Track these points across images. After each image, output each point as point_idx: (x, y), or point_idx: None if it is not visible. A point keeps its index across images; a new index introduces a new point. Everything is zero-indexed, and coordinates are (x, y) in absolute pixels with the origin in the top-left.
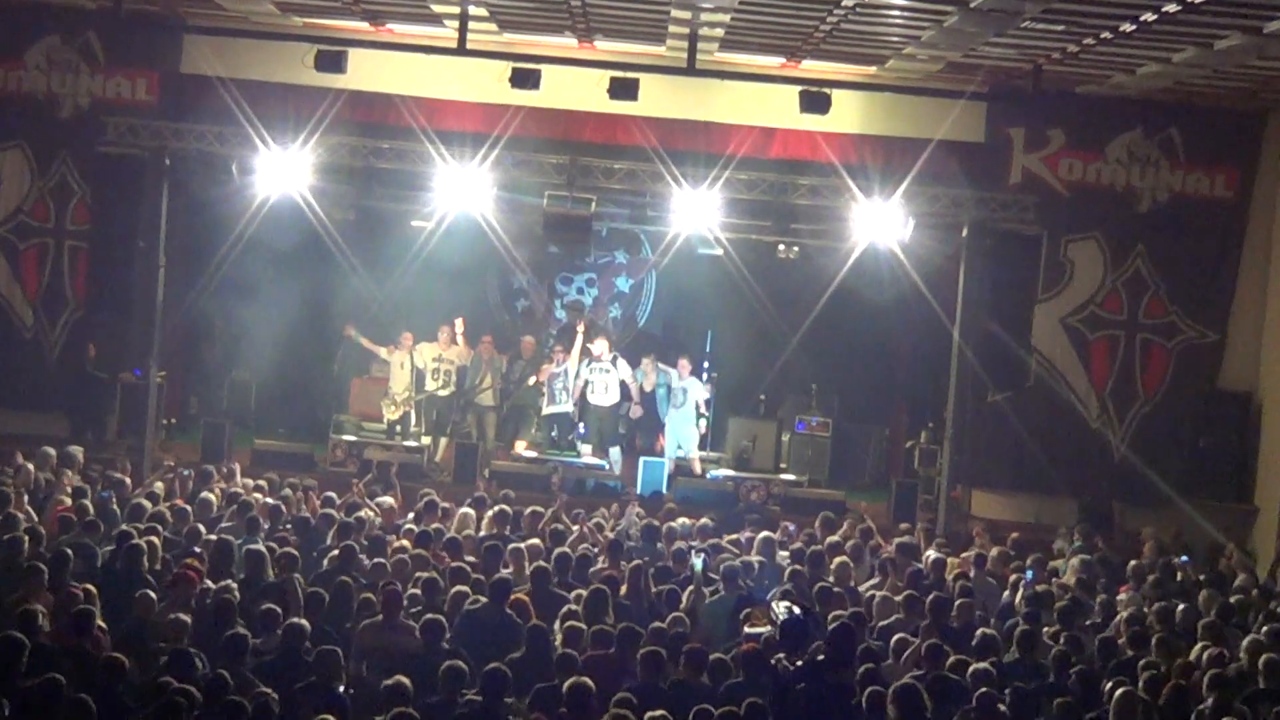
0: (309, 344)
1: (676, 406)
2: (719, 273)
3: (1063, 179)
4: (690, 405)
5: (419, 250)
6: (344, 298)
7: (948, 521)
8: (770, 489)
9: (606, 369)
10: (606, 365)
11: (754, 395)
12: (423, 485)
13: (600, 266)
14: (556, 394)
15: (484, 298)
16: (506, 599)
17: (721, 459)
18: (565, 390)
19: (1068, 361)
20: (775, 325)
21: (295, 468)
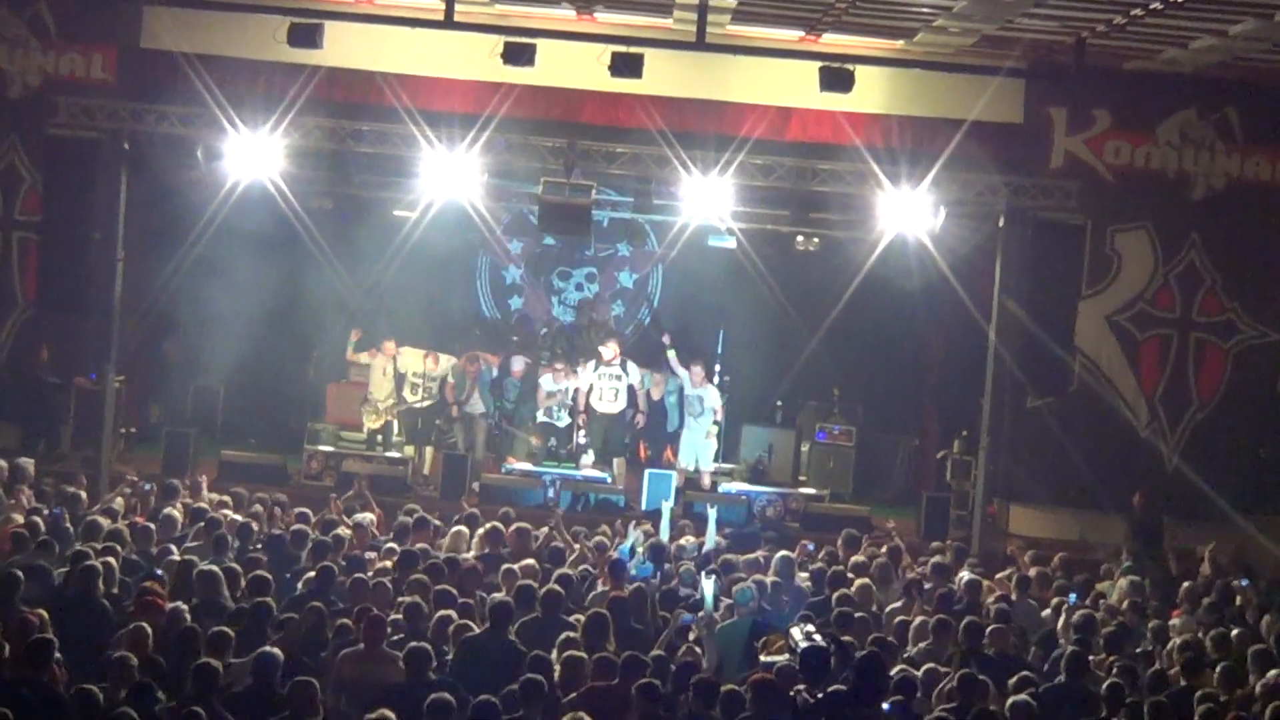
0: (282, 345)
1: (694, 415)
2: (731, 266)
3: (1109, 163)
4: (708, 415)
5: (402, 242)
6: (320, 294)
7: (983, 539)
8: (788, 504)
9: (617, 374)
10: (617, 370)
11: (770, 401)
12: (406, 500)
13: (601, 260)
14: (555, 414)
15: (473, 294)
16: (508, 625)
17: (735, 471)
18: (565, 408)
19: (1115, 363)
20: (793, 324)
21: (266, 481)
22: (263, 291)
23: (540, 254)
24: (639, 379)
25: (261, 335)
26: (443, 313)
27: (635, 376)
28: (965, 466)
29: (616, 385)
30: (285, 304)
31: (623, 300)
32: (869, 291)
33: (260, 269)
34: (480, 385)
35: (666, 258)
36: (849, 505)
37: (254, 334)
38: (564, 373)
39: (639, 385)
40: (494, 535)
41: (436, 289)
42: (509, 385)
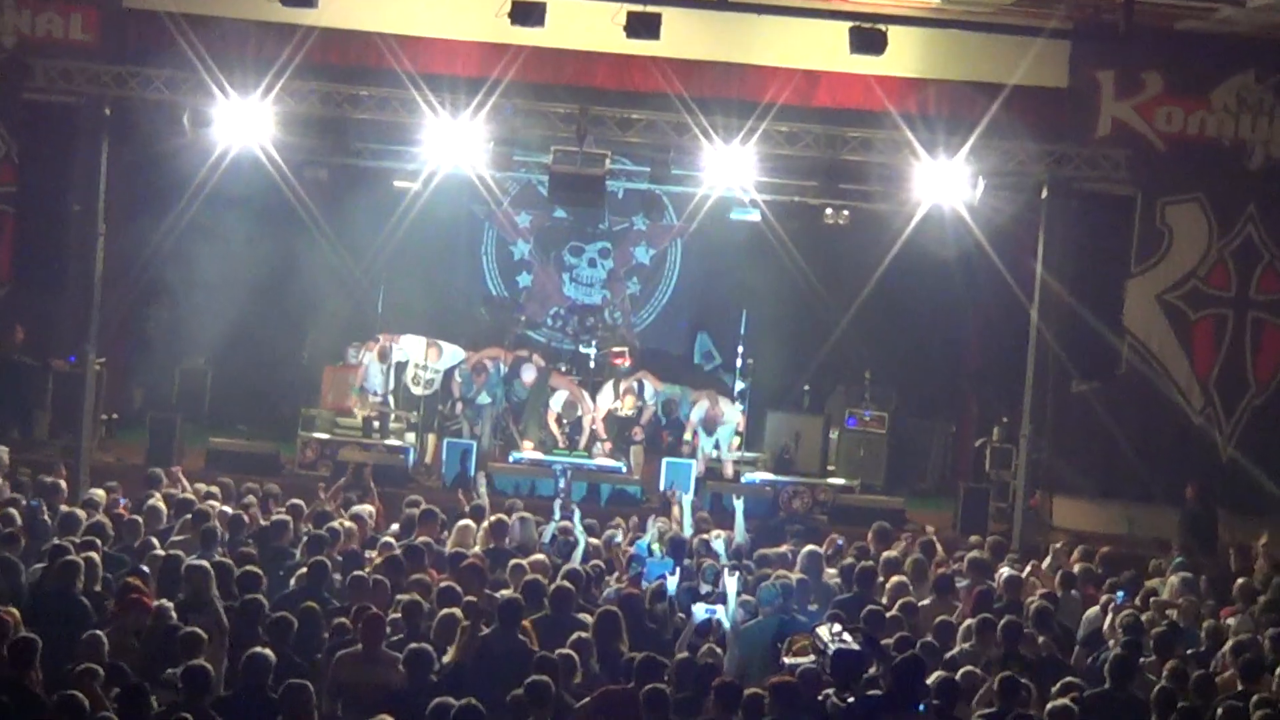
0: (274, 326)
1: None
2: (755, 241)
3: (1160, 131)
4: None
5: (403, 215)
6: (315, 270)
7: (1024, 533)
8: (816, 495)
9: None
10: (635, 384)
11: (797, 385)
12: (407, 491)
13: (616, 234)
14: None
15: (479, 271)
16: (517, 623)
17: (759, 460)
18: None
19: (1166, 345)
20: (822, 303)
21: (257, 471)
22: (253, 268)
23: (550, 228)
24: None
25: (252, 315)
26: (446, 290)
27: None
28: (1005, 455)
29: (639, 405)
30: (277, 282)
31: (638, 278)
32: (903, 268)
33: (250, 244)
34: (488, 385)
35: (686, 232)
36: (881, 497)
37: (244, 314)
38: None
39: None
40: (499, 529)
41: (439, 265)
42: (516, 387)
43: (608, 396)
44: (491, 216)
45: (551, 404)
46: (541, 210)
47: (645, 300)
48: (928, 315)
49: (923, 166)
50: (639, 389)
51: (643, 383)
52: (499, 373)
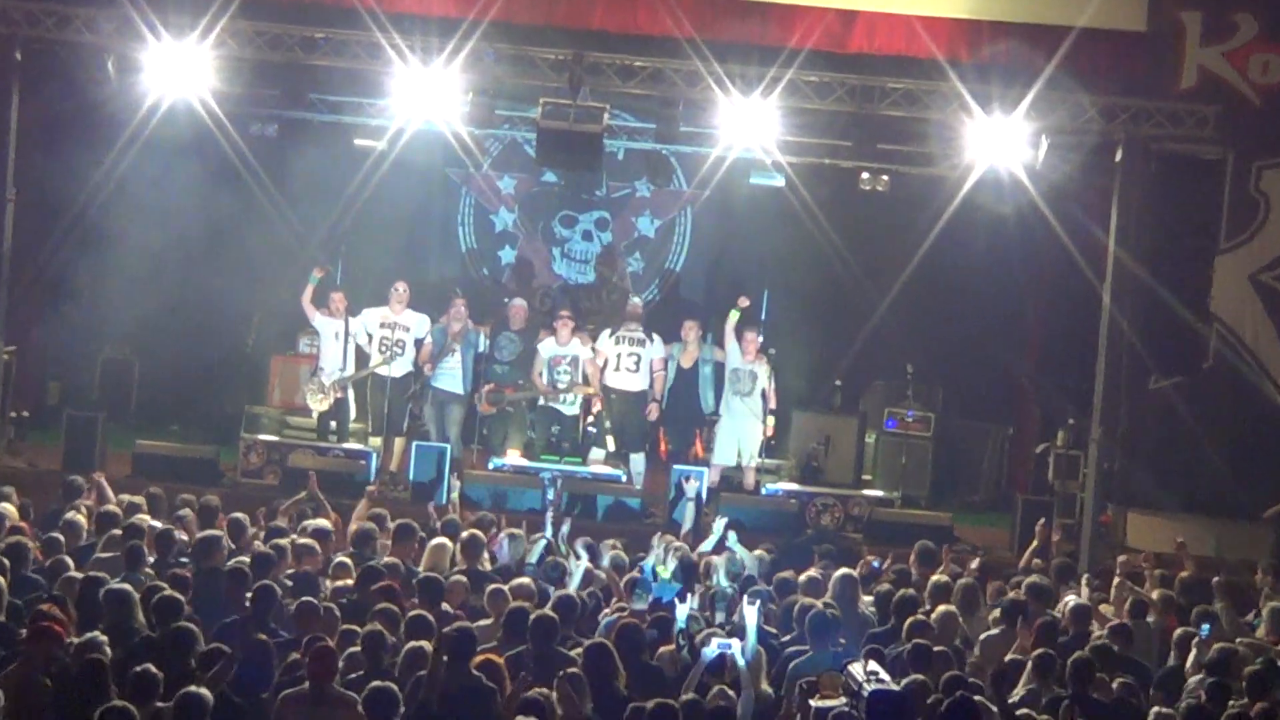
0: (213, 309)
1: (742, 394)
2: (779, 211)
3: (1255, 82)
4: (758, 395)
5: (365, 179)
6: (261, 244)
7: (1094, 554)
8: (849, 509)
9: (639, 339)
10: (639, 333)
11: (827, 380)
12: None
13: (615, 202)
14: (557, 376)
15: (453, 246)
16: (469, 657)
17: (782, 468)
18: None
19: (1261, 334)
20: (856, 283)
21: (192, 479)
22: (189, 242)
23: (538, 195)
24: (662, 352)
25: (187, 296)
26: (415, 268)
27: (658, 350)
28: (1072, 463)
29: (638, 353)
30: (217, 257)
31: (641, 253)
32: (951, 243)
33: (186, 213)
34: (463, 351)
35: (697, 200)
36: (925, 511)
37: (178, 294)
38: (569, 332)
39: (660, 360)
40: (473, 546)
41: (408, 239)
42: (504, 342)
43: (606, 341)
44: (469, 181)
45: (540, 350)
46: (528, 174)
47: (650, 279)
48: (981, 299)
49: (975, 124)
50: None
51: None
52: (478, 339)
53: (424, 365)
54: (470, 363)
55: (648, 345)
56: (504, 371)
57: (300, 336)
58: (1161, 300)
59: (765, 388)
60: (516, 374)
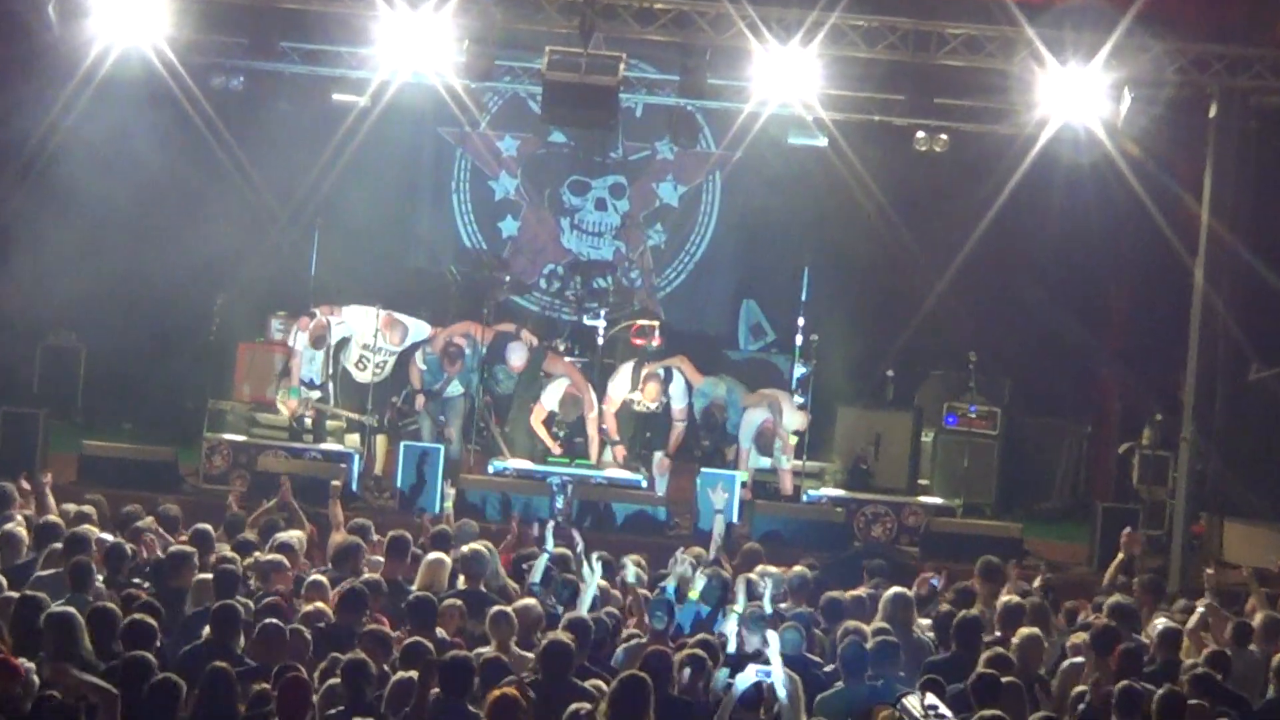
0: (171, 289)
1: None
2: (821, 176)
3: None
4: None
5: (344, 140)
6: (226, 215)
7: (1186, 570)
8: (903, 519)
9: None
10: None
11: (877, 371)
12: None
13: (633, 166)
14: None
15: (447, 215)
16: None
17: (826, 471)
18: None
19: None
20: (910, 258)
21: (147, 485)
22: (143, 210)
23: (545, 157)
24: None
25: (140, 274)
26: (403, 242)
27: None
28: (1160, 466)
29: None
30: (175, 230)
31: (664, 224)
32: (1020, 212)
33: (138, 179)
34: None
35: (727, 163)
36: (990, 521)
37: (129, 273)
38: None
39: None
40: (475, 564)
41: (394, 208)
42: (500, 375)
43: (623, 384)
44: (465, 142)
45: (543, 399)
46: (532, 134)
47: (672, 255)
48: (1054, 276)
49: (1048, 75)
50: (665, 378)
51: (673, 372)
52: (476, 355)
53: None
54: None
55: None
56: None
57: (271, 319)
58: (1262, 279)
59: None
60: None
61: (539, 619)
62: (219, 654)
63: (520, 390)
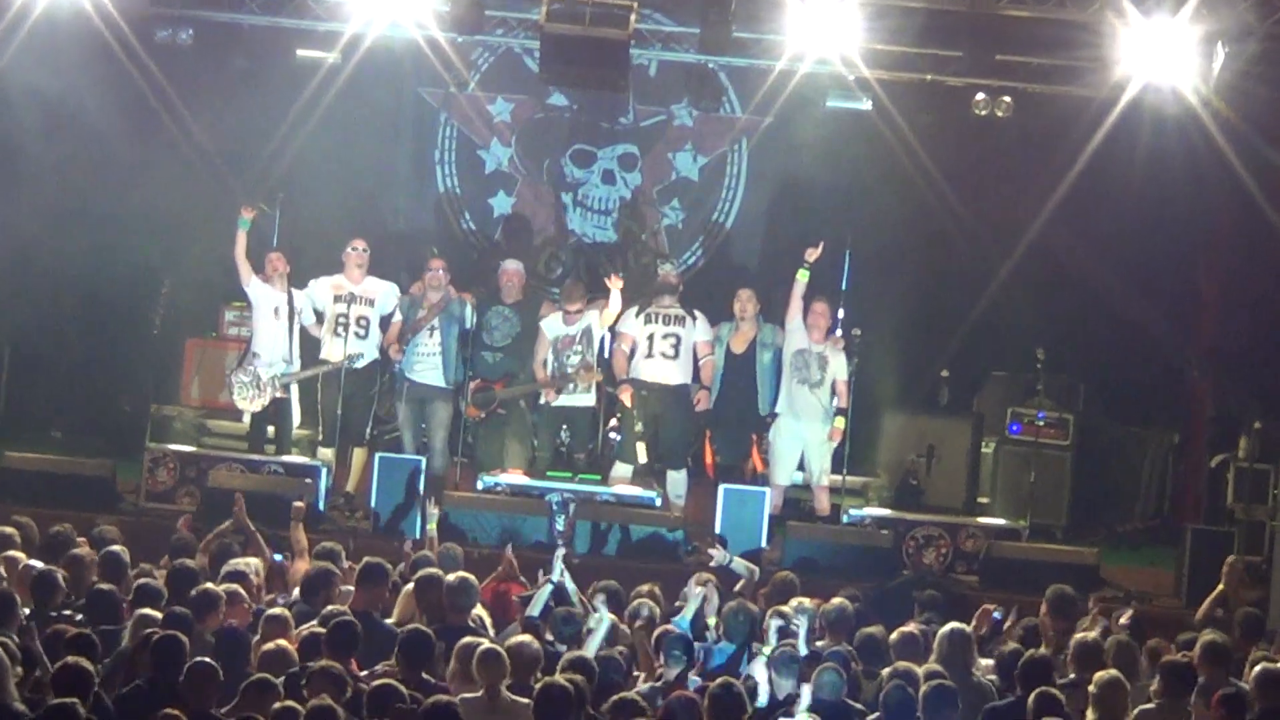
0: (108, 273)
1: (809, 385)
2: (864, 144)
3: None
4: (826, 388)
5: (311, 103)
6: (172, 190)
7: None
8: (960, 543)
9: (678, 316)
10: (677, 310)
11: (930, 371)
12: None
13: (646, 133)
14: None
15: (430, 191)
16: None
17: (870, 488)
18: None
19: None
20: (969, 240)
21: (81, 504)
22: (75, 184)
23: (543, 123)
24: (707, 334)
25: (73, 256)
26: (378, 222)
27: (702, 331)
28: (1258, 481)
29: (676, 335)
30: (113, 207)
31: (681, 201)
32: (1096, 186)
33: (70, 144)
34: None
35: (755, 130)
36: (1062, 546)
37: (60, 254)
38: (580, 306)
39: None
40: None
41: (369, 183)
42: (495, 319)
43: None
44: (450, 105)
45: (542, 327)
46: (529, 96)
47: (691, 236)
48: (1135, 261)
49: (1128, 28)
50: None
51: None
52: (463, 310)
53: (391, 349)
54: (455, 345)
55: (688, 325)
56: (495, 361)
57: (225, 310)
58: None
59: (838, 379)
60: (511, 363)
61: (536, 658)
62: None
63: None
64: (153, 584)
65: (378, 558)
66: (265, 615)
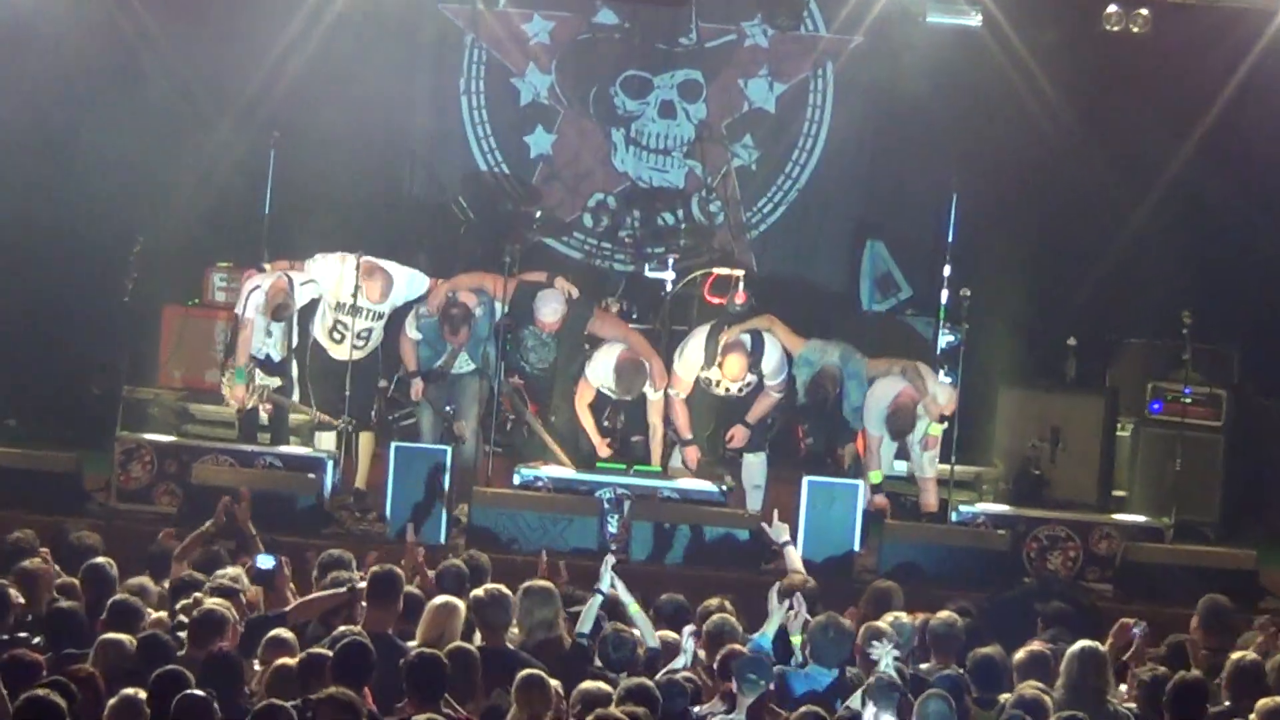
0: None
1: None
2: (973, 68)
3: None
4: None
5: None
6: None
7: None
8: (1092, 545)
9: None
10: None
11: (1054, 339)
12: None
13: (712, 56)
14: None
15: (457, 128)
16: None
17: (983, 479)
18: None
19: None
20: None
21: (43, 504)
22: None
23: (589, 45)
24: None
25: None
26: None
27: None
28: None
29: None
30: (75, 147)
31: (755, 138)
32: (1249, 115)
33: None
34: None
35: (842, 52)
36: (1214, 548)
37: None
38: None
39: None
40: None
41: (381, 118)
42: (530, 340)
43: (694, 359)
44: (478, 25)
45: (589, 374)
46: (572, 12)
47: (768, 180)
48: None
49: None
50: (755, 347)
51: (762, 339)
52: (490, 318)
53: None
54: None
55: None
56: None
57: (211, 273)
58: None
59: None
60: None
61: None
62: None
63: (560, 364)
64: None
65: (388, 567)
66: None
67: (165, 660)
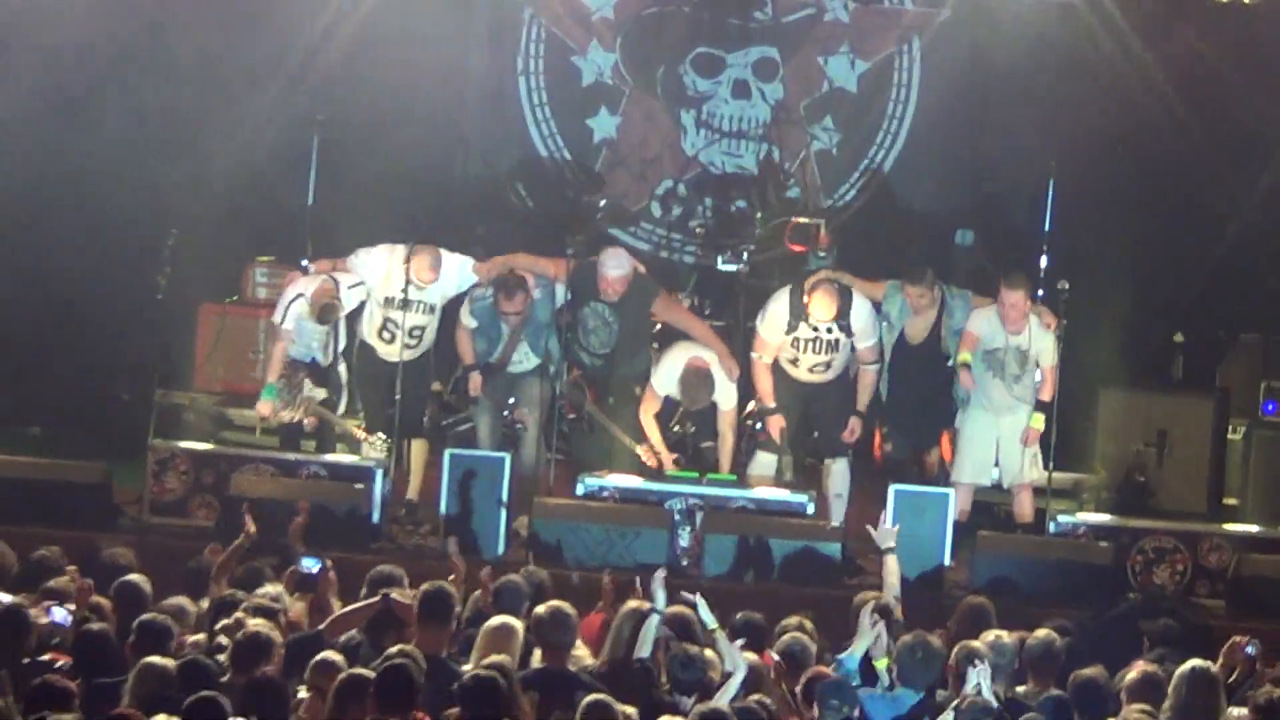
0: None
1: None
2: (1071, 43)
3: None
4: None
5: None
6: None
7: None
8: (1201, 558)
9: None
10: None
11: (1159, 336)
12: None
13: (789, 32)
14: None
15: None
16: None
17: (1083, 486)
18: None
19: None
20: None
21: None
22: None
23: (656, 20)
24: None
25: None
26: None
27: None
28: None
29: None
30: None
31: (836, 119)
32: None
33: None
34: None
35: (929, 26)
36: None
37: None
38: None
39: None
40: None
41: (432, 99)
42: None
43: (779, 317)
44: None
45: (654, 382)
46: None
47: (850, 164)
48: None
49: None
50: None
51: (850, 290)
52: (551, 299)
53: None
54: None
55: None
56: (591, 364)
57: (252, 268)
58: None
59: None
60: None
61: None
62: None
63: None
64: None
65: (440, 584)
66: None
67: (207, 686)
